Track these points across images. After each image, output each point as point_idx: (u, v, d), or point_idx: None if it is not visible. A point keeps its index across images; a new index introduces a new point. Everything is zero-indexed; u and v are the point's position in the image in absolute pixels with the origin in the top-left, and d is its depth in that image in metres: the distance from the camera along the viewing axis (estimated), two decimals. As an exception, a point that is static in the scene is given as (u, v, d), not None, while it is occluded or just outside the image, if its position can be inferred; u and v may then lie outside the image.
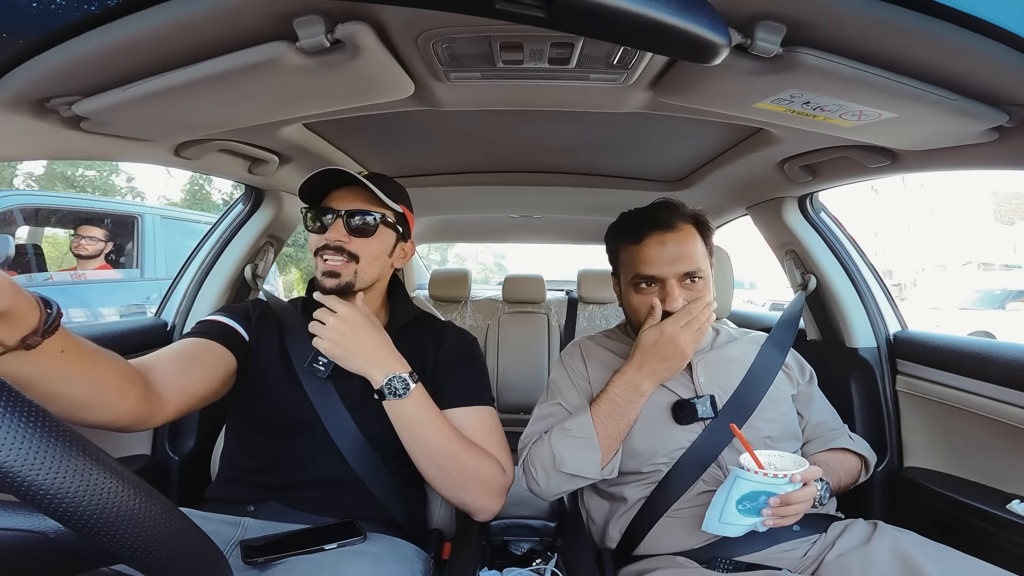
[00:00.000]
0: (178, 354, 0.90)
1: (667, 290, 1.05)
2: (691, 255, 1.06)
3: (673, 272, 1.05)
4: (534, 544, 1.05)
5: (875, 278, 1.51)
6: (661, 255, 1.06)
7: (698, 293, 1.06)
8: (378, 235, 1.01)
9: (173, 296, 1.53)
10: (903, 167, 1.07)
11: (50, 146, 0.92)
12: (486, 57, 0.77)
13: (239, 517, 0.94)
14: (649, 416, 1.09)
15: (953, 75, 0.67)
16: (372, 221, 0.99)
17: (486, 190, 1.86)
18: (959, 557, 0.87)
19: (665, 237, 1.06)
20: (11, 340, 0.56)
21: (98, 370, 0.70)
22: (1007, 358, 1.11)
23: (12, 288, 0.53)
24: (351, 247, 0.98)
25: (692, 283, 1.07)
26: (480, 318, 2.82)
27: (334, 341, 0.92)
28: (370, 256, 1.00)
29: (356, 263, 0.99)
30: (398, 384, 0.90)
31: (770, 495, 0.86)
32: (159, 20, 0.61)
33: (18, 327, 0.56)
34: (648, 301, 1.07)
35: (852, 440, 1.15)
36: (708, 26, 0.48)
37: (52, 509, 0.39)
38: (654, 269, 1.06)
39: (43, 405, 0.41)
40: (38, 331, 0.57)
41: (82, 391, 0.68)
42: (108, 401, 0.72)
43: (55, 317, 0.59)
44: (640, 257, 1.08)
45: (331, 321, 0.93)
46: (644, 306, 1.08)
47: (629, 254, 1.11)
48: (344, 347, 0.92)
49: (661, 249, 1.06)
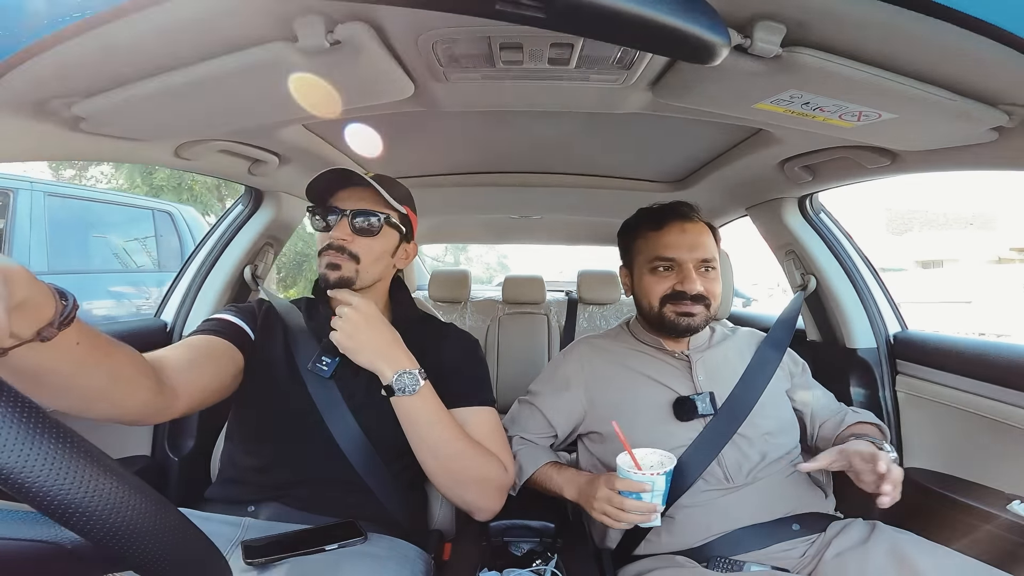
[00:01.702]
0: (190, 349, 0.89)
1: (685, 272, 1.10)
2: (708, 245, 1.13)
3: (692, 257, 1.11)
4: (534, 545, 1.05)
5: (875, 278, 1.51)
6: (681, 241, 1.12)
7: (712, 282, 1.12)
8: (381, 235, 1.01)
9: (173, 297, 1.53)
10: (903, 168, 1.07)
11: (50, 147, 0.92)
12: (486, 57, 0.77)
13: (239, 517, 0.94)
14: (650, 413, 1.10)
15: (953, 76, 0.67)
16: (376, 222, 1.00)
17: (485, 191, 1.86)
18: (957, 557, 0.87)
19: (686, 226, 1.13)
20: (27, 332, 0.54)
21: (112, 362, 0.69)
22: (1007, 358, 1.11)
23: (28, 278, 0.52)
24: (353, 247, 0.98)
25: (707, 272, 1.12)
26: (480, 319, 2.82)
27: (347, 333, 0.92)
28: (372, 256, 1.00)
29: (357, 263, 0.99)
30: (408, 380, 0.90)
31: (656, 488, 0.88)
32: (159, 21, 0.61)
33: (34, 319, 0.54)
34: (664, 283, 1.12)
35: (858, 414, 1.19)
36: (708, 26, 0.48)
37: (46, 508, 0.39)
38: (674, 252, 1.11)
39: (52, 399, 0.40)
40: (54, 323, 0.56)
41: (96, 383, 0.67)
42: (122, 393, 0.71)
43: (71, 308, 0.58)
44: (661, 242, 1.13)
45: (346, 312, 0.93)
46: (659, 287, 1.12)
47: (648, 240, 1.16)
48: (356, 340, 0.92)
49: (682, 236, 1.12)
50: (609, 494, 0.90)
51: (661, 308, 1.13)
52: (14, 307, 0.49)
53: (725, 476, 1.04)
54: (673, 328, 1.12)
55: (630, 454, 0.90)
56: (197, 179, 8.02)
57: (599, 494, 0.92)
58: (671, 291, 1.11)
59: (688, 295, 1.09)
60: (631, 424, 1.10)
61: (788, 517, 1.02)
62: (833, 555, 0.95)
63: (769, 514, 1.02)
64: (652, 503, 0.88)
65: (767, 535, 1.00)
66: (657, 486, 0.87)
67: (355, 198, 1.00)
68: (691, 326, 1.11)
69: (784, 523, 1.01)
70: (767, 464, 1.06)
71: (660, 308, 1.13)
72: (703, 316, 1.11)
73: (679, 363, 1.16)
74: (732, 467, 1.05)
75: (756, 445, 1.07)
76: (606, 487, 0.91)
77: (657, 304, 1.13)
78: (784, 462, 1.08)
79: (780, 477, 1.06)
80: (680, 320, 1.11)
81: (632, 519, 0.88)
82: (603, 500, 0.91)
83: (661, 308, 1.13)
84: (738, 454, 1.06)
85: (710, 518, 1.02)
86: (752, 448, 1.07)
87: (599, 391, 1.16)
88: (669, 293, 1.12)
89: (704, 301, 1.11)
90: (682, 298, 1.10)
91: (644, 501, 0.88)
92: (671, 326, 1.12)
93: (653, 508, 0.88)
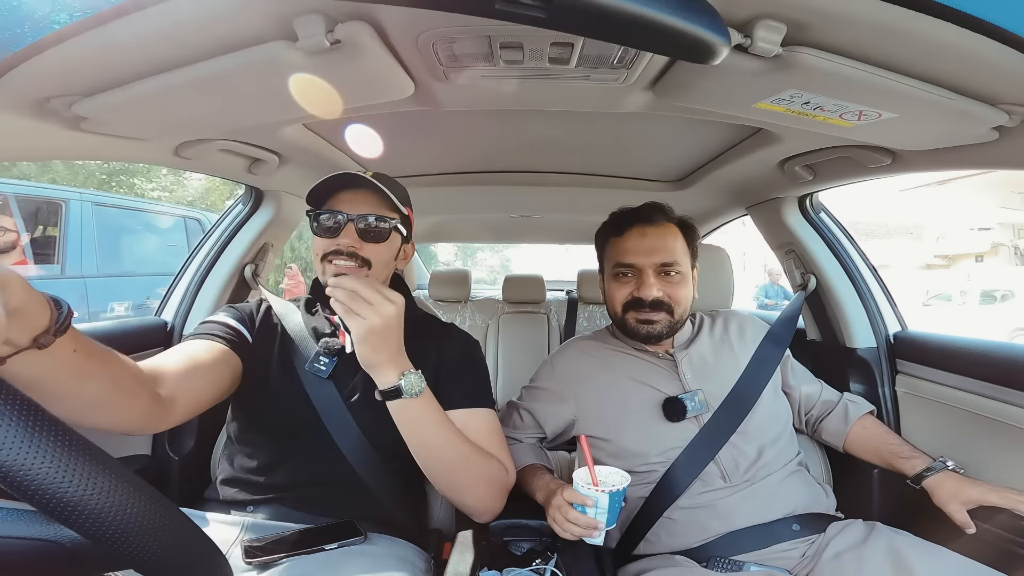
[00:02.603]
0: (186, 356, 0.89)
1: (642, 279, 1.10)
2: (669, 248, 1.11)
3: (650, 262, 1.10)
4: (534, 544, 1.05)
5: (875, 278, 1.51)
6: (640, 246, 1.11)
7: (675, 286, 1.11)
8: (390, 239, 0.99)
9: (173, 296, 1.53)
10: (903, 167, 1.07)
11: (50, 146, 0.92)
12: (486, 57, 0.77)
13: (239, 517, 0.94)
14: (640, 416, 1.10)
15: (953, 75, 0.67)
16: (386, 227, 0.97)
17: (485, 190, 1.86)
18: (954, 558, 0.88)
19: (646, 230, 1.12)
20: (23, 339, 0.55)
21: (111, 370, 0.69)
22: (1007, 358, 1.11)
23: (23, 285, 0.52)
24: (364, 252, 0.95)
25: (669, 276, 1.11)
26: (480, 318, 2.82)
27: (373, 330, 0.83)
28: (382, 262, 0.98)
29: (368, 268, 0.96)
30: (416, 380, 0.87)
31: (599, 505, 0.88)
32: (159, 20, 0.61)
33: (30, 326, 0.55)
34: (624, 290, 1.12)
35: (857, 404, 1.24)
36: (708, 26, 0.48)
37: (47, 507, 0.39)
38: (632, 258, 1.11)
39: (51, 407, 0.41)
40: (50, 330, 0.56)
41: (95, 391, 0.68)
42: (121, 402, 0.71)
43: (66, 315, 0.59)
44: (621, 248, 1.13)
45: (386, 310, 0.84)
46: (620, 294, 1.13)
47: (612, 246, 1.16)
48: (383, 336, 0.85)
49: (641, 241, 1.11)
50: (562, 503, 0.91)
51: (624, 315, 1.13)
52: (10, 314, 0.50)
53: (723, 476, 1.04)
54: (635, 335, 1.13)
55: (590, 470, 0.91)
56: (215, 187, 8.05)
57: (554, 501, 0.93)
58: (631, 298, 1.12)
59: (645, 302, 1.09)
60: (621, 429, 1.10)
61: (788, 517, 1.02)
62: (831, 556, 0.95)
63: (769, 514, 1.02)
64: (595, 520, 0.88)
65: (767, 535, 1.00)
66: (600, 503, 0.87)
67: (359, 201, 0.97)
68: (651, 333, 1.11)
69: (784, 523, 1.01)
70: (765, 463, 1.06)
71: (623, 315, 1.14)
72: (665, 322, 1.11)
73: (664, 363, 1.16)
74: (729, 466, 1.05)
75: (752, 442, 1.07)
76: (561, 496, 0.92)
77: (620, 310, 1.14)
78: (782, 461, 1.09)
79: (779, 477, 1.06)
80: (640, 328, 1.11)
81: (574, 531, 0.89)
82: (555, 508, 0.92)
83: (624, 315, 1.13)
84: (735, 452, 1.06)
85: (709, 519, 1.02)
86: (748, 445, 1.07)
87: (587, 398, 1.16)
88: (629, 300, 1.12)
89: (664, 307, 1.10)
90: (640, 306, 1.10)
91: (587, 516, 0.88)
92: (633, 333, 1.13)
93: (595, 524, 0.88)
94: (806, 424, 1.29)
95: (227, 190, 10.10)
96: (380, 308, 0.83)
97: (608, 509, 0.88)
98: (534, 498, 1.05)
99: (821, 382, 1.30)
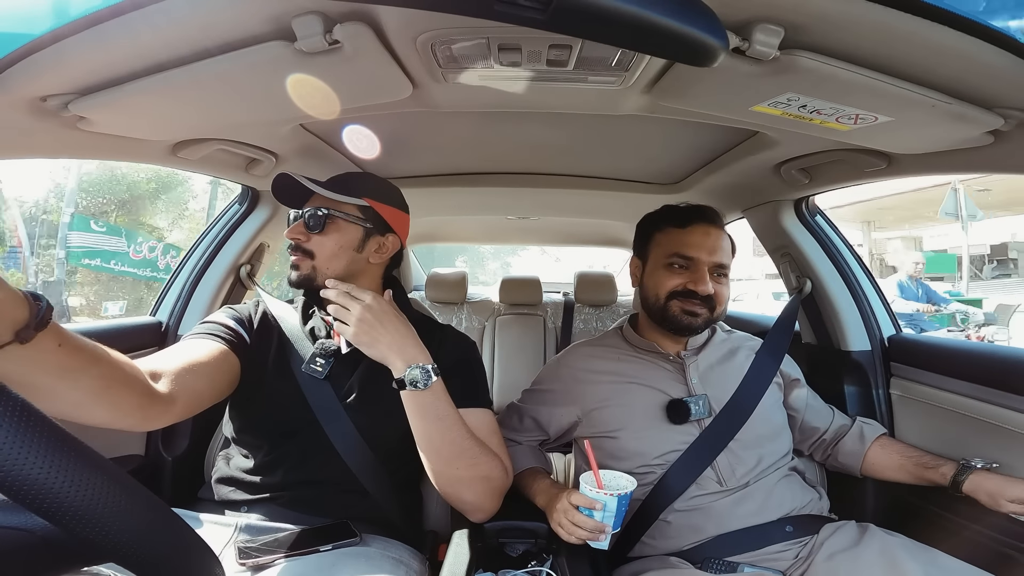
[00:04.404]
0: (186, 355, 0.89)
1: (700, 274, 1.11)
2: (726, 251, 1.15)
3: (710, 260, 1.12)
4: (529, 546, 1.05)
5: (869, 281, 1.51)
6: (704, 242, 1.13)
7: (722, 287, 1.14)
8: (332, 230, 1.00)
9: (168, 296, 1.52)
10: (899, 170, 1.08)
11: (48, 145, 0.91)
12: (484, 58, 0.77)
13: (233, 518, 0.94)
14: (642, 416, 1.10)
15: (949, 79, 0.68)
16: (320, 215, 1.00)
17: (482, 192, 1.86)
18: (946, 560, 0.88)
19: (710, 230, 1.15)
20: (5, 334, 0.56)
21: (101, 364, 0.69)
22: (1001, 361, 1.12)
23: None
24: (307, 244, 1.00)
25: (719, 278, 1.14)
26: (477, 320, 2.82)
27: (362, 327, 0.91)
28: (326, 252, 1.00)
29: (312, 259, 1.00)
30: (420, 374, 0.89)
31: (607, 508, 0.89)
32: (158, 19, 0.61)
33: (9, 320, 0.56)
34: (675, 279, 1.13)
35: (872, 425, 1.25)
36: (706, 29, 0.48)
37: (38, 506, 0.38)
38: (695, 252, 1.12)
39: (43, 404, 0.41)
40: (30, 324, 0.57)
41: (87, 385, 0.68)
42: (114, 396, 0.71)
43: (45, 309, 0.59)
44: (683, 240, 1.14)
45: (358, 308, 0.92)
46: (670, 282, 1.13)
47: (670, 236, 1.17)
48: (371, 334, 0.91)
49: (705, 238, 1.14)
50: (567, 506, 0.91)
51: (667, 302, 1.13)
52: None
53: (719, 480, 1.05)
54: (675, 323, 1.13)
55: (595, 473, 0.91)
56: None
57: (559, 505, 0.93)
58: (682, 288, 1.12)
59: (699, 295, 1.10)
60: (624, 430, 1.10)
61: (781, 519, 1.02)
62: (825, 557, 0.95)
63: (763, 517, 1.02)
64: (602, 523, 0.88)
65: (761, 537, 1.00)
66: (608, 507, 0.88)
67: (315, 197, 1.02)
68: (692, 325, 1.12)
69: (777, 525, 1.02)
70: (762, 469, 1.06)
71: (666, 302, 1.13)
72: (706, 317, 1.12)
73: (673, 366, 1.16)
74: (726, 471, 1.05)
75: (751, 449, 1.07)
76: (567, 499, 0.92)
77: (664, 297, 1.13)
78: (776, 465, 1.09)
79: (774, 480, 1.07)
80: (683, 317, 1.12)
81: (581, 534, 0.89)
82: (561, 512, 0.92)
83: (667, 302, 1.13)
84: (732, 458, 1.06)
85: (704, 521, 1.02)
86: (747, 452, 1.07)
87: (591, 401, 1.16)
88: (679, 290, 1.12)
89: (711, 304, 1.11)
90: (693, 297, 1.11)
91: (594, 519, 0.88)
92: (673, 321, 1.13)
93: (602, 528, 0.89)
94: (817, 450, 1.27)
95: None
96: (353, 308, 0.92)
97: (615, 512, 0.88)
98: (533, 501, 1.05)
99: (832, 408, 1.29)
